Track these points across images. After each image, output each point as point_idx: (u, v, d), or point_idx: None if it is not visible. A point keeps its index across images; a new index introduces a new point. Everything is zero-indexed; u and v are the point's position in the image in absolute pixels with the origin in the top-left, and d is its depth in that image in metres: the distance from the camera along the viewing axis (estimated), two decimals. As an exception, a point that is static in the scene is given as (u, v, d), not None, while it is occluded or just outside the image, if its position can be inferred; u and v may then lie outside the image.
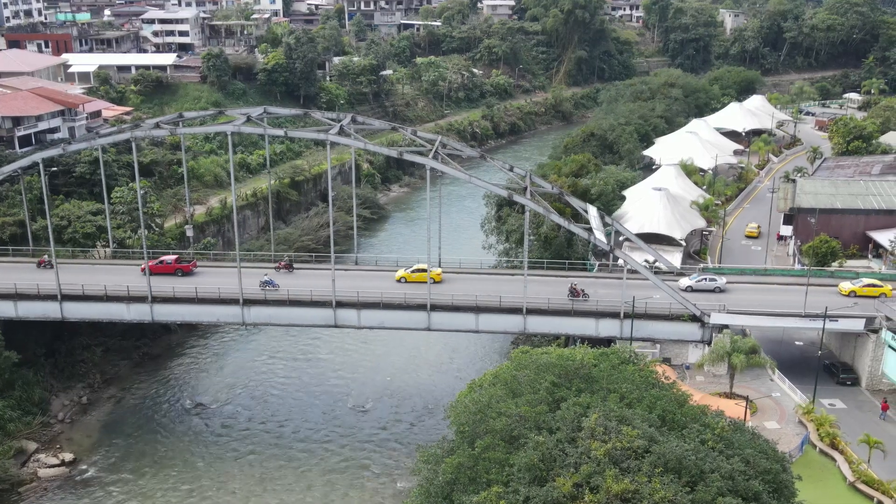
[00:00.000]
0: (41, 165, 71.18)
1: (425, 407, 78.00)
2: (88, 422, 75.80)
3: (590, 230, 68.96)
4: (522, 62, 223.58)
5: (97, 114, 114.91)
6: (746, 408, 55.25)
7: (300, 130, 71.26)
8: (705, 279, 74.59)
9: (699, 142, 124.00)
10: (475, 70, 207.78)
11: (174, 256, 78.73)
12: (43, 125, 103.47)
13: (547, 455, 38.29)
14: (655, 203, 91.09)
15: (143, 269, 73.25)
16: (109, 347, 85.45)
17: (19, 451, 68.16)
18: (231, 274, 73.20)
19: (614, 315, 68.90)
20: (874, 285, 72.22)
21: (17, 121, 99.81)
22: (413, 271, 75.82)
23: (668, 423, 41.32)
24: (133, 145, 70.34)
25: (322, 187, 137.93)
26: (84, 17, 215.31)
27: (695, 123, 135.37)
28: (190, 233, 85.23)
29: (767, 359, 64.09)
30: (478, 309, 70.26)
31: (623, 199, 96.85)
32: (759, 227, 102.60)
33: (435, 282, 73.45)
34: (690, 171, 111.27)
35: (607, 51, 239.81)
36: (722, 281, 74.22)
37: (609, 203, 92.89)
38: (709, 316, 67.18)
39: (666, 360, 68.88)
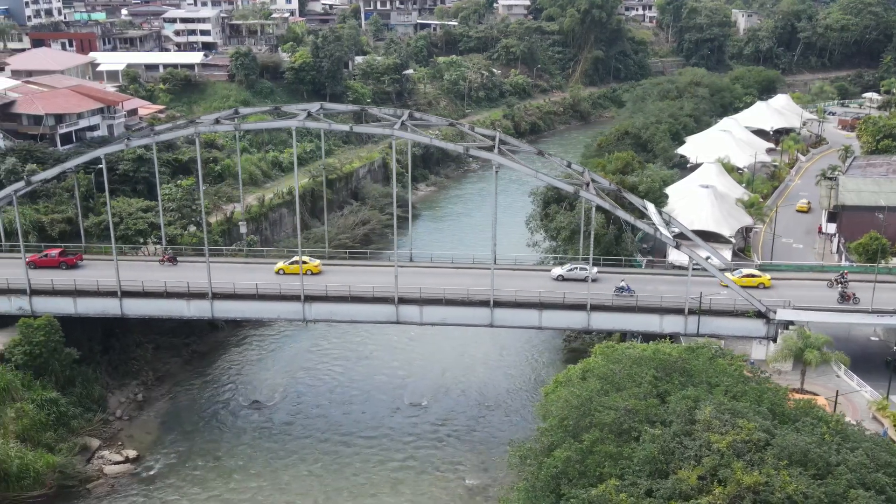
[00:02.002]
0: (103, 161, 71.02)
1: (482, 403, 77.88)
2: (146, 419, 75.55)
3: (654, 226, 68.86)
4: (539, 62, 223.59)
5: (133, 112, 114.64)
6: (836, 402, 55.21)
7: (365, 126, 71.03)
8: (577, 268, 75.71)
9: (733, 140, 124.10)
10: (494, 70, 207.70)
11: (59, 249, 77.71)
12: (83, 123, 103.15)
13: (665, 448, 38.18)
14: (703, 200, 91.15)
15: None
16: (160, 345, 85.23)
17: (84, 448, 67.87)
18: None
19: (678, 311, 68.82)
20: (753, 275, 74.46)
21: (59, 118, 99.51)
22: (291, 263, 76.90)
23: (777, 417, 41.23)
24: (197, 141, 70.22)
25: (353, 186, 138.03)
26: (99, 16, 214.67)
27: (726, 122, 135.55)
28: (244, 229, 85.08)
29: (840, 354, 64.04)
30: (541, 305, 70.16)
31: (666, 196, 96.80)
32: (808, 202, 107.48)
33: (313, 273, 74.27)
34: (728, 169, 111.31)
35: (623, 51, 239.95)
36: (593, 271, 74.71)
37: (655, 201, 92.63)
38: (774, 312, 67.16)
39: (730, 357, 68.78)
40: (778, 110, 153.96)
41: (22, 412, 65.39)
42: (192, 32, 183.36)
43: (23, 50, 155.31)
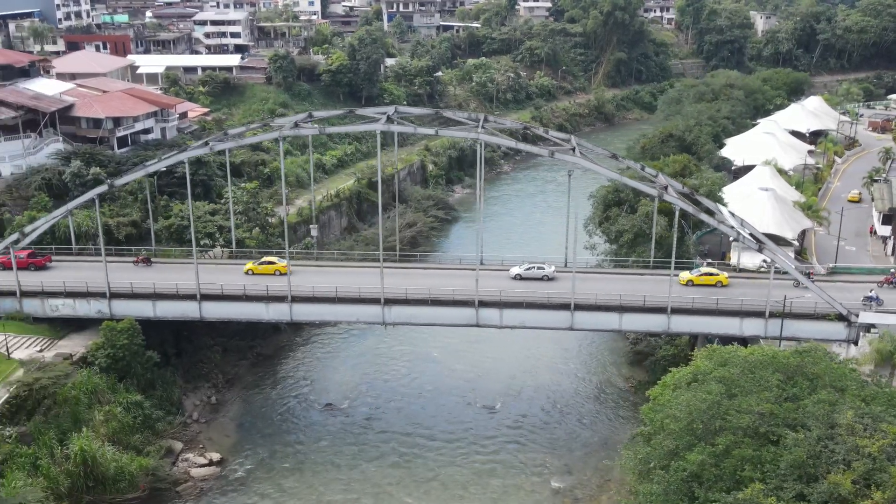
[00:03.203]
0: (186, 164, 71.37)
1: (554, 406, 78.20)
2: (222, 422, 75.84)
3: (735, 230, 69.20)
4: (563, 64, 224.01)
5: (183, 115, 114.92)
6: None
7: (449, 129, 71.34)
8: (534, 268, 76.84)
9: (776, 142, 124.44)
10: (520, 72, 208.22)
11: (27, 251, 77.90)
12: (138, 126, 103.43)
13: (811, 451, 38.52)
14: (764, 203, 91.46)
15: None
16: (226, 348, 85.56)
17: (168, 451, 68.20)
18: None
19: (759, 314, 69.16)
20: (711, 273, 75.32)
21: (116, 122, 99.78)
22: (260, 263, 77.81)
23: (912, 420, 41.58)
24: (281, 144, 70.56)
25: (394, 188, 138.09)
26: (122, 18, 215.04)
27: (767, 124, 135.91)
28: (315, 232, 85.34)
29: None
30: (621, 308, 70.49)
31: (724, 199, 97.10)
32: (860, 192, 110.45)
33: (281, 273, 75.46)
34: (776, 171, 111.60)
35: (644, 52, 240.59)
36: (550, 269, 76.05)
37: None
38: (856, 315, 67.51)
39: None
40: (812, 112, 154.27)
41: (110, 415, 65.65)
42: (222, 35, 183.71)
43: (58, 52, 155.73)
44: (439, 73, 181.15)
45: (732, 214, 76.54)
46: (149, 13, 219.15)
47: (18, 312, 73.36)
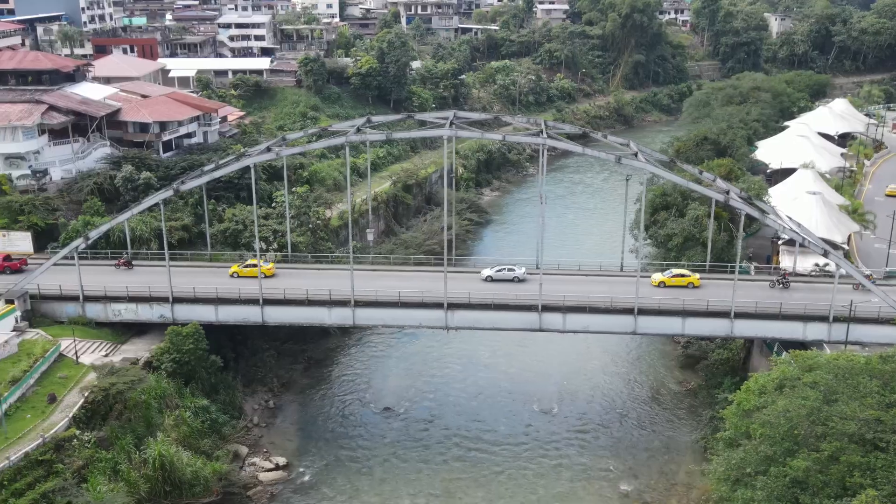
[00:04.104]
0: (252, 169, 71.67)
1: (612, 410, 78.43)
2: (283, 426, 76.07)
3: (801, 235, 69.49)
4: (581, 66, 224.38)
5: (223, 119, 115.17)
6: None
7: (516, 135, 71.64)
8: (504, 269, 78.20)
9: (811, 145, 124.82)
10: (541, 74, 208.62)
11: (3, 254, 78.75)
12: (182, 130, 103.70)
13: (926, 458, 38.85)
14: (812, 207, 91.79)
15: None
16: (279, 352, 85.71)
17: (235, 455, 68.42)
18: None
19: (822, 319, 69.45)
20: (682, 275, 76.41)
21: (162, 126, 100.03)
22: (245, 266, 78.29)
23: None
24: (346, 150, 70.83)
25: (427, 191, 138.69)
26: (140, 20, 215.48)
27: (797, 126, 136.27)
28: (371, 236, 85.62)
29: None
30: (685, 313, 70.77)
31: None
32: None
33: (266, 276, 76.05)
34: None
35: (662, 54, 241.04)
36: (521, 271, 77.66)
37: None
38: (921, 319, 67.81)
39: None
40: (840, 114, 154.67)
41: (180, 420, 65.95)
42: (246, 38, 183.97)
43: (85, 56, 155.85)
44: (463, 76, 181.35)
45: (790, 219, 76.74)
46: (169, 16, 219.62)
47: (81, 317, 73.61)
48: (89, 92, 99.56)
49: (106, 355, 70.47)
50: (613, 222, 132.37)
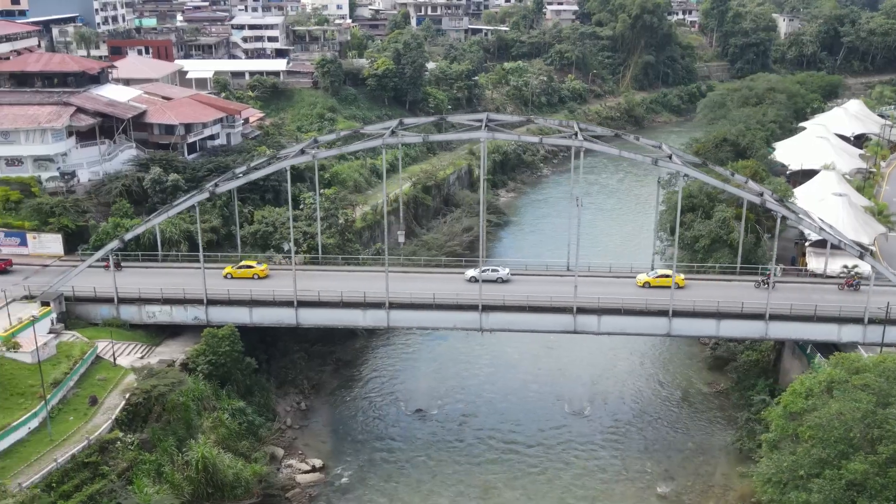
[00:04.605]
0: (288, 172, 71.82)
1: (643, 412, 78.53)
2: (315, 428, 76.20)
3: (836, 237, 69.69)
4: (592, 67, 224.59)
5: (245, 120, 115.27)
6: None
7: (551, 138, 71.73)
8: (489, 270, 78.91)
9: (830, 146, 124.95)
10: (552, 75, 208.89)
11: None
12: (207, 132, 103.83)
13: None
14: (838, 209, 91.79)
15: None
16: (308, 354, 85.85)
17: (272, 457, 68.53)
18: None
19: (857, 321, 69.61)
20: (666, 275, 76.35)
21: (187, 128, 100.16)
22: (239, 267, 78.77)
23: None
24: (384, 153, 70.98)
25: (445, 192, 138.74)
26: (150, 21, 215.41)
27: (815, 128, 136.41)
28: (402, 239, 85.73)
29: None
30: (720, 315, 70.92)
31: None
32: None
33: (260, 277, 77.29)
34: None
35: (671, 55, 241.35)
36: (505, 272, 78.59)
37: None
38: (958, 321, 67.95)
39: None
40: (855, 115, 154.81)
41: (218, 422, 66.09)
42: (259, 39, 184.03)
43: (99, 58, 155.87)
44: (476, 77, 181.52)
45: (822, 220, 76.94)
46: (179, 17, 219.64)
47: (115, 319, 73.75)
48: (114, 94, 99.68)
49: (141, 357, 70.61)
50: (632, 224, 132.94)
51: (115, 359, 67.84)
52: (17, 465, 53.86)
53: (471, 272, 78.96)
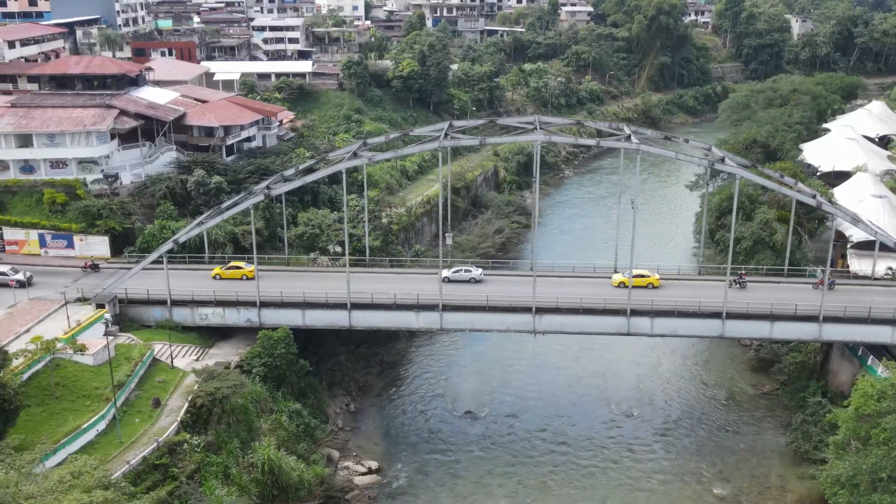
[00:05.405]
0: (344, 174, 72.05)
1: (691, 414, 78.71)
2: (366, 430, 76.38)
3: (893, 239, 69.95)
4: (608, 68, 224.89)
5: (279, 122, 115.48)
6: None
7: (606, 140, 71.94)
8: (461, 270, 79.88)
9: (860, 148, 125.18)
10: (570, 76, 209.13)
11: None
12: (244, 134, 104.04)
13: None
14: (879, 210, 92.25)
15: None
16: (354, 356, 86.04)
17: (328, 459, 68.72)
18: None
19: (914, 322, 69.88)
20: (643, 275, 77.26)
21: (226, 130, 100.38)
22: (228, 268, 79.11)
23: None
24: (440, 155, 71.19)
25: (473, 194, 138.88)
26: (165, 23, 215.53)
27: (841, 129, 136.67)
28: (449, 241, 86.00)
29: None
30: (773, 317, 71.15)
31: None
32: None
33: (248, 278, 77.08)
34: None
35: (686, 56, 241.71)
36: (478, 272, 79.42)
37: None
38: None
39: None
40: (878, 116, 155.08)
41: (277, 424, 66.30)
42: (280, 41, 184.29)
43: (124, 59, 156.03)
44: (498, 79, 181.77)
45: (871, 223, 77.25)
46: (196, 18, 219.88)
47: (168, 321, 73.97)
48: (152, 96, 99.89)
49: (196, 359, 70.84)
50: (659, 224, 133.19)
51: (172, 361, 68.02)
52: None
53: (445, 272, 79.55)
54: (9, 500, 32.80)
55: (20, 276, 76.32)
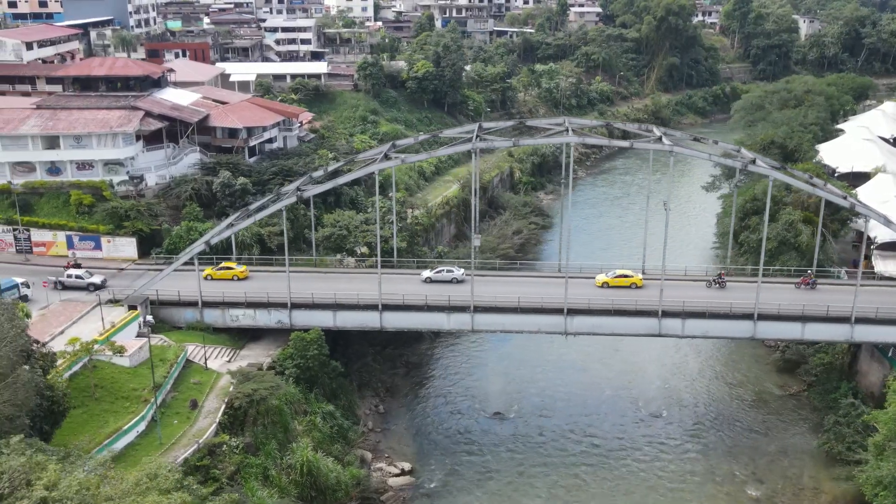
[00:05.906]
0: (377, 176, 72.10)
1: (721, 415, 78.77)
2: (396, 431, 76.45)
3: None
4: (618, 69, 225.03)
5: (300, 123, 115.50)
6: None
7: (640, 141, 71.98)
8: (443, 270, 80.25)
9: (878, 149, 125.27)
10: (581, 77, 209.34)
11: None
12: (266, 135, 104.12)
13: None
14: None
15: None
16: (382, 357, 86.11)
17: (361, 461, 68.80)
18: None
19: (943, 323, 69.96)
20: (626, 275, 77.90)
21: (249, 131, 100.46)
22: (219, 269, 79.44)
23: None
24: (474, 156, 71.33)
25: (489, 195, 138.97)
26: (175, 24, 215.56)
27: (857, 129, 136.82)
28: (477, 242, 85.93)
29: None
30: (804, 318, 71.25)
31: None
32: None
33: (239, 279, 78.13)
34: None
35: (695, 57, 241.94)
36: (459, 272, 79.38)
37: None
38: None
39: None
40: (892, 117, 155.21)
41: (311, 425, 66.40)
42: (292, 41, 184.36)
43: (139, 61, 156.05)
44: (510, 80, 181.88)
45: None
46: (206, 19, 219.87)
47: (199, 322, 74.06)
48: (175, 97, 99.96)
49: (228, 361, 70.93)
50: (679, 225, 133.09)
51: (206, 362, 68.10)
52: (133, 468, 54.01)
53: (426, 273, 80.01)
54: (90, 501, 32.94)
55: (96, 280, 76.33)
